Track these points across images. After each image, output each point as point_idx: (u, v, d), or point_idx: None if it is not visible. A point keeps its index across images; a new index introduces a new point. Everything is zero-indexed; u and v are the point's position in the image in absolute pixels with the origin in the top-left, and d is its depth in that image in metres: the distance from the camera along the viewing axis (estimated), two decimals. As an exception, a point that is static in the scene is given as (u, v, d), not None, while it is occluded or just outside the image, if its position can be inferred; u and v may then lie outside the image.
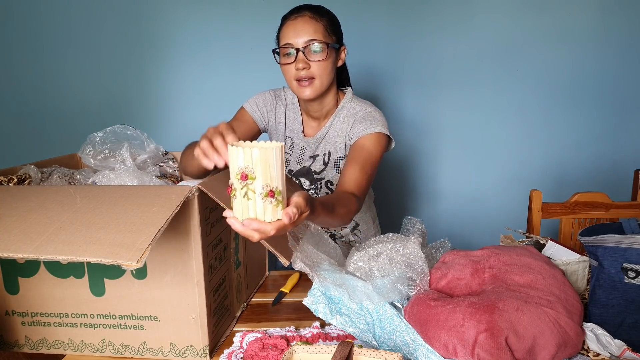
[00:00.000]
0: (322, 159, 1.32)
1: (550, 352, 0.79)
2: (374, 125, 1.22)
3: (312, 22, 1.17)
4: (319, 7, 1.22)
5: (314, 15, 1.18)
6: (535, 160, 2.26)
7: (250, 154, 0.63)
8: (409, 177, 2.29)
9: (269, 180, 0.65)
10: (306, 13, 1.18)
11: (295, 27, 1.17)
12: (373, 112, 1.27)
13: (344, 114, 1.29)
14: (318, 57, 1.16)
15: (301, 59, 1.16)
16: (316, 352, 0.77)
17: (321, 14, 1.20)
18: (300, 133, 1.32)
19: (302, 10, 1.19)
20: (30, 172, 1.09)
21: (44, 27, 2.12)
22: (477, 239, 2.30)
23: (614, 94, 2.19)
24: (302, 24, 1.17)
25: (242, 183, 0.64)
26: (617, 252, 0.88)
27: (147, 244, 0.66)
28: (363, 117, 1.25)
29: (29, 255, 0.66)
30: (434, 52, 2.14)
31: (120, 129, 1.26)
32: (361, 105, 1.29)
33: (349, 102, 1.30)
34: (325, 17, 1.19)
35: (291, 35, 1.17)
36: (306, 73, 1.17)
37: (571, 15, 2.12)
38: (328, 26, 1.19)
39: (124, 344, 0.88)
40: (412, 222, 1.12)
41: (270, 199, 0.65)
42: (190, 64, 2.14)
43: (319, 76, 1.18)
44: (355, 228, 1.43)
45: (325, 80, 1.19)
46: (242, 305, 1.06)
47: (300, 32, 1.16)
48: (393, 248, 0.99)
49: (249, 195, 0.65)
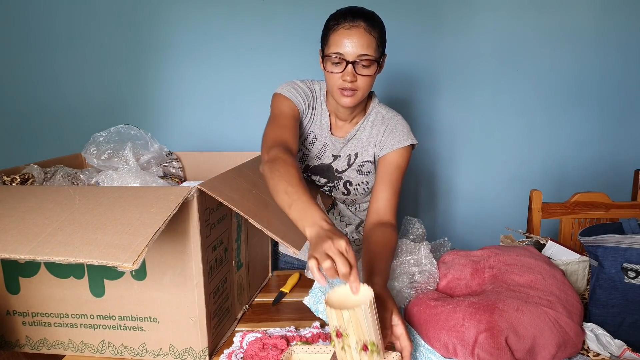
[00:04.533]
0: (346, 160, 1.32)
1: (550, 352, 0.79)
2: (405, 137, 1.25)
3: (366, 35, 1.12)
4: (373, 16, 1.16)
5: (369, 27, 1.13)
6: (535, 160, 2.25)
7: (342, 315, 0.68)
8: (409, 176, 2.29)
9: (361, 336, 0.69)
10: (362, 24, 1.12)
11: (350, 37, 1.12)
12: (401, 120, 1.29)
13: (371, 118, 1.30)
14: (367, 72, 1.14)
15: (350, 72, 1.13)
16: (315, 352, 0.77)
17: (375, 25, 1.14)
18: (328, 131, 1.30)
19: (357, 18, 1.13)
20: (33, 172, 1.09)
21: (45, 27, 2.12)
22: (477, 239, 2.30)
23: (614, 94, 2.19)
24: (358, 36, 1.12)
25: (339, 339, 0.71)
26: (617, 252, 0.88)
27: (144, 245, 0.65)
28: (395, 128, 1.26)
29: (25, 256, 0.67)
30: (434, 51, 2.14)
31: (124, 129, 1.25)
32: (387, 111, 1.30)
33: (376, 106, 1.31)
34: (377, 29, 1.14)
35: (345, 45, 1.12)
36: (352, 85, 1.15)
37: (574, 15, 2.11)
38: (379, 38, 1.15)
39: (124, 345, 0.88)
40: (411, 222, 1.12)
41: (365, 352, 0.70)
42: (192, 63, 2.15)
43: (362, 88, 1.17)
44: (360, 225, 1.43)
45: (366, 92, 1.19)
46: (243, 307, 1.06)
47: (355, 45, 1.12)
48: (407, 262, 1.00)
49: (345, 349, 0.70)
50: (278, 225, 0.89)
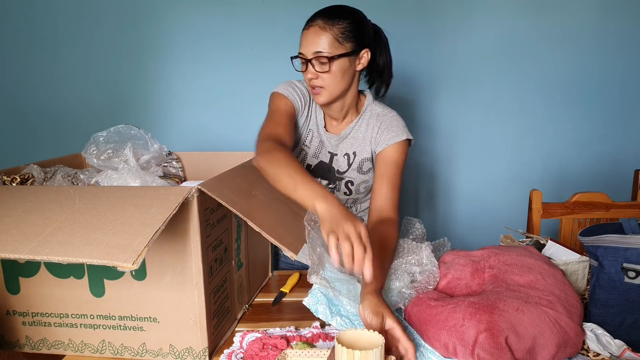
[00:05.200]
0: (345, 159, 1.32)
1: (550, 352, 0.79)
2: (400, 132, 1.25)
3: (321, 32, 1.14)
4: (337, 10, 1.17)
5: (326, 23, 1.14)
6: (535, 160, 2.25)
7: (353, 355, 0.69)
8: (409, 176, 2.29)
9: None
10: (318, 22, 1.15)
11: (306, 37, 1.16)
12: (395, 116, 1.30)
13: (366, 116, 1.30)
14: (325, 68, 1.16)
15: (310, 70, 1.17)
16: (309, 357, 0.78)
17: (335, 20, 1.15)
18: (323, 128, 1.32)
19: (316, 18, 1.16)
20: (33, 172, 1.09)
21: (45, 27, 2.12)
22: (477, 239, 2.30)
23: (615, 94, 2.19)
24: (312, 35, 1.15)
25: None
26: (617, 252, 0.88)
27: (143, 245, 0.65)
28: (389, 123, 1.27)
29: (25, 256, 0.67)
30: (434, 51, 2.14)
31: (124, 129, 1.25)
32: (382, 108, 1.31)
33: (371, 104, 1.31)
34: (340, 24, 1.15)
35: (303, 45, 1.17)
36: (315, 82, 1.19)
37: (574, 15, 2.11)
38: (341, 34, 1.14)
39: (124, 345, 0.88)
40: (411, 222, 1.12)
41: None
42: (192, 63, 2.15)
43: (328, 86, 1.19)
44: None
45: (334, 89, 1.20)
46: (243, 306, 1.06)
47: (309, 44, 1.15)
48: (408, 261, 1.00)
49: None
50: (277, 228, 0.89)
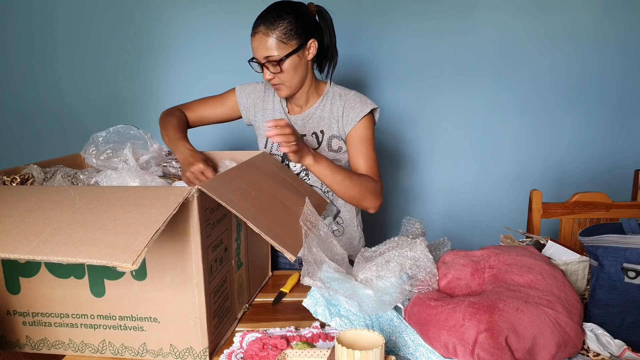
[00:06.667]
0: (314, 138, 1.39)
1: (550, 352, 0.79)
2: (364, 106, 1.34)
3: (265, 38, 1.23)
4: (275, 11, 1.24)
5: (268, 29, 1.22)
6: (535, 160, 2.25)
7: (353, 355, 0.70)
8: (409, 176, 2.29)
9: None
10: (260, 28, 1.23)
11: (253, 44, 1.26)
12: (356, 94, 1.38)
13: (329, 96, 1.39)
14: (278, 69, 1.25)
15: (265, 72, 1.27)
16: (309, 356, 0.77)
17: (275, 23, 1.22)
18: (285, 114, 1.41)
19: (258, 24, 1.24)
20: (33, 172, 1.09)
21: (45, 27, 2.12)
22: (477, 239, 2.30)
23: (615, 93, 2.19)
24: (258, 42, 1.24)
25: None
26: (617, 252, 0.88)
27: (143, 245, 0.65)
28: (352, 102, 1.35)
29: (25, 256, 0.67)
30: (434, 51, 2.14)
31: (124, 129, 1.26)
32: (342, 89, 1.40)
33: (332, 87, 1.41)
34: (280, 25, 1.22)
35: (253, 51, 1.27)
36: (274, 82, 1.29)
37: (574, 15, 2.11)
38: (284, 34, 1.22)
39: (124, 345, 0.88)
40: (412, 222, 1.11)
41: None
42: (191, 63, 2.15)
43: (286, 81, 1.29)
44: (337, 215, 1.45)
45: (293, 82, 1.30)
46: (244, 306, 1.06)
47: (258, 50, 1.25)
48: (401, 254, 1.00)
49: None
50: (276, 230, 0.90)
